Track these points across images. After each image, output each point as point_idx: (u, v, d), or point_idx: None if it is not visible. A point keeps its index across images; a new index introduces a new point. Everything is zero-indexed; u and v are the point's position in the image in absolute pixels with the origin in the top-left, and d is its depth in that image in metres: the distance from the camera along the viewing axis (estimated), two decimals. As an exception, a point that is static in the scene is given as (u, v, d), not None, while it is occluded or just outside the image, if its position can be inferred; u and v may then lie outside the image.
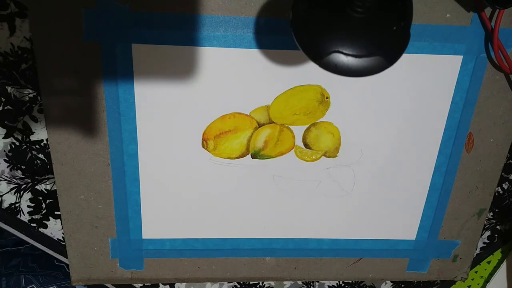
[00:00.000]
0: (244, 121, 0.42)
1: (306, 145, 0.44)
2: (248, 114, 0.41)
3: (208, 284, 0.54)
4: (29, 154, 0.43)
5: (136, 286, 0.53)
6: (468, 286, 0.59)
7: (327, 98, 0.41)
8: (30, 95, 0.40)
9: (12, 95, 0.40)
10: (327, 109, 0.42)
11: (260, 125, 0.42)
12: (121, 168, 0.43)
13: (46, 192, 0.45)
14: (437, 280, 0.55)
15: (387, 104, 0.43)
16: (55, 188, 0.44)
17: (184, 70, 0.39)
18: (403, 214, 0.48)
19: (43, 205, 0.46)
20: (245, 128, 0.42)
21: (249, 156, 0.44)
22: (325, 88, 0.41)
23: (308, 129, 0.43)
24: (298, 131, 0.43)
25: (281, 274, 0.50)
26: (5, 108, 0.40)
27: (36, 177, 0.44)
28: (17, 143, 0.42)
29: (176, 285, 0.54)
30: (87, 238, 0.46)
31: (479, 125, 0.44)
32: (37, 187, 0.45)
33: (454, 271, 0.53)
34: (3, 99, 0.40)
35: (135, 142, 0.41)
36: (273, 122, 0.42)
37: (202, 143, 0.42)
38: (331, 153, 0.44)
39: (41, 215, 0.47)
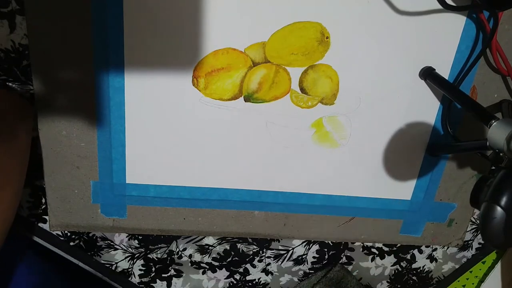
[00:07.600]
0: (238, 59, 0.39)
1: (302, 90, 0.41)
2: (243, 50, 0.39)
3: (205, 280, 0.53)
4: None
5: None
6: (463, 286, 0.59)
7: (327, 38, 0.39)
8: (31, 91, 0.40)
9: None
10: (327, 50, 0.40)
11: (254, 64, 0.40)
12: (106, 103, 0.40)
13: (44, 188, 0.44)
14: (431, 245, 0.54)
15: (390, 51, 0.41)
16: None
17: (177, -4, 0.37)
18: (399, 171, 0.46)
19: (43, 200, 0.46)
20: (239, 66, 0.40)
21: (241, 98, 0.41)
22: (326, 27, 0.39)
23: (305, 71, 0.41)
24: (295, 74, 0.41)
25: (270, 230, 0.48)
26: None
27: (36, 173, 0.44)
28: None
29: (173, 281, 0.52)
30: (67, 179, 0.44)
31: (484, 78, 0.42)
32: (36, 183, 0.45)
33: (449, 236, 0.51)
34: None
35: (122, 75, 0.39)
36: (269, 62, 0.40)
37: (193, 80, 0.40)
38: (328, 100, 0.42)
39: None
